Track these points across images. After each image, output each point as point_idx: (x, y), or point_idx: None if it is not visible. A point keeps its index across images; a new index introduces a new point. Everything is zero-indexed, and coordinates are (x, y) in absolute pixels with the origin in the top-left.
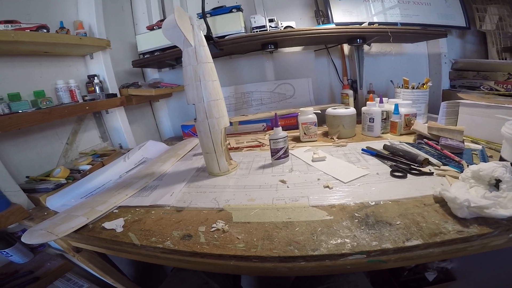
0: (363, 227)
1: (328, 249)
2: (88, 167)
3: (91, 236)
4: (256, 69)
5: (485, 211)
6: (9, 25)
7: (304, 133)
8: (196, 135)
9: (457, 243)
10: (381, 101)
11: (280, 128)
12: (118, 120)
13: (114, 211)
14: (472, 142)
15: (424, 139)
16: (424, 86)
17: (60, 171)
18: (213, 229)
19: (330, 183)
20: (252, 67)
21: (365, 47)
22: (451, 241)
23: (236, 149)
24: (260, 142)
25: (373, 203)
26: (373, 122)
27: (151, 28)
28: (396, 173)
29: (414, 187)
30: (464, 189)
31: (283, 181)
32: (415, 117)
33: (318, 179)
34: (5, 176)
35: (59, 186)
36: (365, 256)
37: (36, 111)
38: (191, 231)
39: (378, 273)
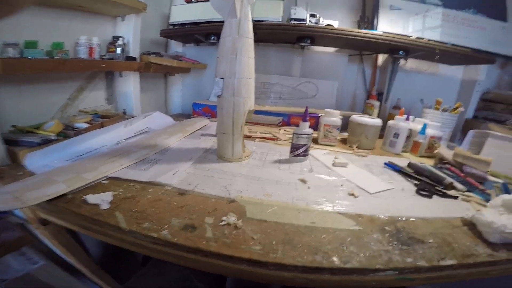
0: (395, 242)
1: (361, 262)
2: (86, 125)
3: (68, 210)
4: (283, 62)
5: None
6: None
7: (324, 136)
8: (207, 115)
9: (485, 266)
10: (407, 118)
11: (308, 123)
12: (130, 85)
13: (103, 182)
14: (491, 175)
15: (446, 164)
16: (456, 110)
17: (53, 125)
18: (223, 223)
19: (355, 191)
20: (279, 59)
21: (401, 61)
22: (480, 264)
23: (249, 137)
24: (275, 136)
25: (404, 218)
26: (397, 137)
27: (189, 1)
28: (422, 192)
29: (440, 208)
30: (496, 216)
31: (303, 180)
32: (440, 140)
33: (342, 185)
34: None
35: (46, 142)
36: (397, 272)
37: (48, 59)
38: (196, 222)
39: None
